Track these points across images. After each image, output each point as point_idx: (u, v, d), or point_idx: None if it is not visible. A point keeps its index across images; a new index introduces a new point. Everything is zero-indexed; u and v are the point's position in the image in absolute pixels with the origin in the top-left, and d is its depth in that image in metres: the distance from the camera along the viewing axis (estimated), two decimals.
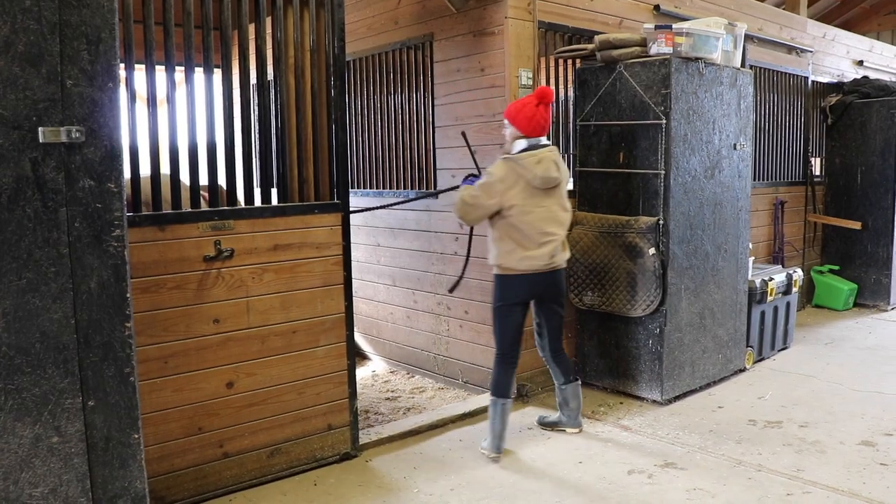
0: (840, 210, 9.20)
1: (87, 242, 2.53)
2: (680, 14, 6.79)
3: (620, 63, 5.45)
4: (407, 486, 4.26)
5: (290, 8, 4.31)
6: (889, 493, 4.06)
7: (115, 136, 2.57)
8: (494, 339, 4.77)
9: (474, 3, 5.52)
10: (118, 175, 2.58)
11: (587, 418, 5.23)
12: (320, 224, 4.37)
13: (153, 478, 3.79)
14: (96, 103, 2.51)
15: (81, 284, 2.53)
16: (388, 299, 6.72)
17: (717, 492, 4.12)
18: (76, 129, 2.45)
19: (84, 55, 2.46)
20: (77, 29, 2.44)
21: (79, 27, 2.44)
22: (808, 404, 5.49)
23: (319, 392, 4.44)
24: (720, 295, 5.87)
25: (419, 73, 6.13)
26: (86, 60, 2.47)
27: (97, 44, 2.49)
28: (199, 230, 3.92)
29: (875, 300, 8.96)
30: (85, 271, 2.54)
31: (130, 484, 2.70)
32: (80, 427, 2.56)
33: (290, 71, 4.31)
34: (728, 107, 5.75)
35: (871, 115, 8.88)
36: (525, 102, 4.58)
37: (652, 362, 5.48)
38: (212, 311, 4.00)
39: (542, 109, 4.56)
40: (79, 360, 2.54)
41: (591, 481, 4.28)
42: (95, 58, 2.49)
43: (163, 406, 3.87)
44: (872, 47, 10.53)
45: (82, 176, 2.50)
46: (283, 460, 4.33)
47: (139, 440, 2.71)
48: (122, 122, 2.61)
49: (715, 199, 5.71)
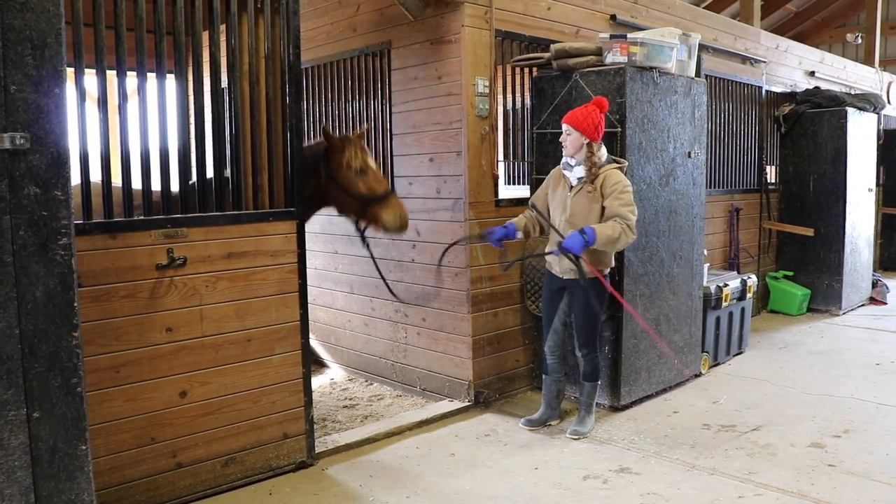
0: (794, 217, 9.37)
1: (32, 251, 2.49)
2: (636, 24, 6.87)
3: (576, 72, 5.49)
4: (363, 494, 4.24)
5: (244, 14, 4.27)
6: (836, 494, 4.13)
7: (62, 142, 2.52)
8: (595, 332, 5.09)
9: (432, 11, 5.54)
10: (65, 182, 2.54)
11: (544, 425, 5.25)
12: (275, 232, 4.34)
13: (104, 489, 3.75)
14: (42, 109, 2.46)
15: (26, 293, 2.48)
16: (346, 307, 6.70)
17: (671, 496, 4.16)
18: (20, 135, 2.40)
19: (28, 60, 2.42)
20: (21, 33, 2.40)
21: (22, 31, 2.40)
22: (761, 408, 5.57)
23: (275, 400, 4.40)
24: (675, 301, 5.94)
25: (377, 81, 6.13)
26: (30, 65, 2.42)
27: (42, 48, 2.45)
28: (151, 238, 3.88)
29: (828, 305, 9.13)
30: (30, 280, 2.49)
31: (77, 496, 2.65)
32: (25, 439, 2.51)
33: (244, 78, 4.28)
34: (682, 115, 5.83)
35: (822, 125, 9.07)
36: (590, 111, 4.81)
37: (608, 368, 5.52)
38: (165, 320, 3.95)
39: (603, 118, 4.89)
40: (23, 371, 2.49)
41: (547, 488, 4.30)
42: (41, 63, 2.45)
43: (114, 416, 3.81)
44: (823, 59, 10.76)
45: (27, 183, 2.45)
46: (239, 470, 4.29)
47: (87, 451, 2.67)
48: (69, 129, 2.57)
49: (670, 206, 5.78)
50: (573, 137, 4.83)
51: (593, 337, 5.07)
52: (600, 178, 4.82)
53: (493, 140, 5.64)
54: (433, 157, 5.66)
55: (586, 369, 5.12)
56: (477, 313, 5.60)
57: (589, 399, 5.16)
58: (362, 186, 4.72)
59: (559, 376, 5.26)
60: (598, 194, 4.81)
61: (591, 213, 4.83)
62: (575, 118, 4.82)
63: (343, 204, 4.83)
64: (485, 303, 5.66)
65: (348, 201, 4.78)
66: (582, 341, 5.07)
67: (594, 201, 4.82)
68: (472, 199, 5.47)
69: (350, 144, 4.77)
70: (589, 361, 5.10)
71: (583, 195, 4.86)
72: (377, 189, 4.74)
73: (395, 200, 4.77)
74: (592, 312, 4.98)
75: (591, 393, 5.15)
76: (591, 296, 4.92)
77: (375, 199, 4.71)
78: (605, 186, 4.80)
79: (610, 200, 4.77)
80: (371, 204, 4.72)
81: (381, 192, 4.74)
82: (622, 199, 4.75)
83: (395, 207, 4.73)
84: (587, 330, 5.03)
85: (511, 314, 5.89)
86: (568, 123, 4.85)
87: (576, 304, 5.00)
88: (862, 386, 6.12)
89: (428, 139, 5.68)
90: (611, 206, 4.76)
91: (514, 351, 5.93)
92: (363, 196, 4.72)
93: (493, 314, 5.74)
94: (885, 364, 6.80)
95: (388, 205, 4.72)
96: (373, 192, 4.72)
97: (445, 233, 5.62)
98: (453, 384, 5.73)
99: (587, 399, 5.16)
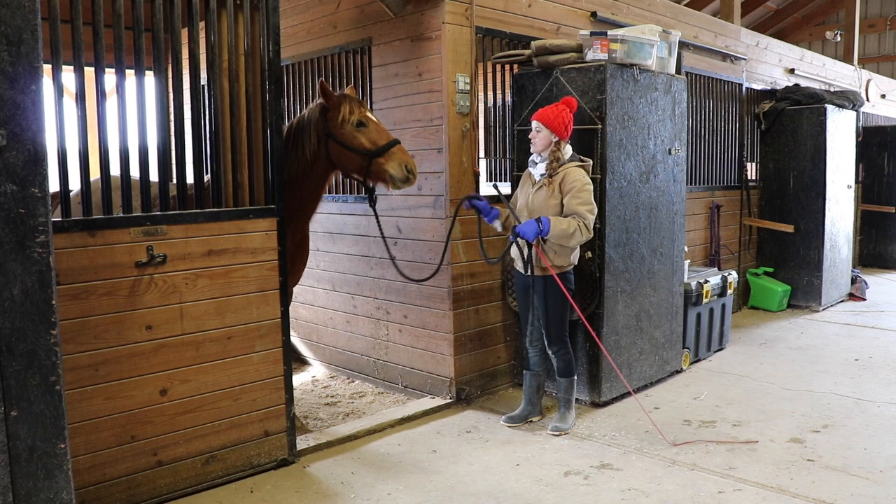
0: (774, 213, 9.44)
1: (9, 248, 2.47)
2: (617, 21, 6.90)
3: (557, 69, 5.51)
4: (344, 491, 4.24)
5: (224, 11, 4.25)
6: (815, 488, 4.17)
7: (39, 139, 2.51)
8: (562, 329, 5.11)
9: (412, 8, 5.53)
10: (42, 179, 2.52)
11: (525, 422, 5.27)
12: (255, 229, 4.33)
13: (83, 488, 3.73)
14: (18, 106, 2.45)
15: (3, 291, 2.47)
16: (328, 304, 6.69)
17: (652, 491, 4.18)
18: None
19: (4, 56, 2.40)
20: None
21: None
22: (741, 404, 5.61)
23: (256, 398, 4.39)
24: (656, 297, 5.97)
25: (358, 78, 6.12)
26: (6, 62, 2.41)
27: (18, 45, 2.43)
28: (130, 235, 3.86)
29: (807, 301, 9.21)
30: (7, 278, 2.47)
31: (56, 495, 2.64)
32: (2, 438, 2.49)
33: (224, 75, 4.26)
34: (663, 112, 5.86)
35: (802, 122, 9.14)
36: (560, 110, 4.87)
37: (589, 365, 5.55)
38: (144, 318, 3.93)
39: (572, 118, 4.98)
40: (1, 369, 2.47)
41: (528, 484, 4.31)
42: (16, 59, 2.43)
43: (94, 414, 3.80)
44: (803, 56, 10.83)
45: (3, 180, 2.43)
46: (219, 467, 4.28)
47: (66, 450, 2.65)
48: (46, 126, 2.55)
49: (650, 203, 5.81)
50: (543, 135, 4.89)
51: (560, 333, 5.09)
52: (560, 175, 4.88)
53: (473, 137, 5.65)
54: (414, 153, 5.64)
55: (560, 366, 5.15)
56: (458, 310, 5.61)
57: (567, 395, 5.18)
58: (364, 139, 4.63)
59: (540, 370, 5.28)
60: (557, 191, 4.87)
61: (547, 210, 4.88)
62: (546, 116, 4.87)
63: (347, 162, 4.72)
64: (466, 300, 5.67)
65: (352, 158, 4.68)
66: (550, 339, 5.10)
67: (551, 197, 4.88)
68: (453, 196, 5.47)
69: (346, 100, 4.68)
70: (561, 357, 5.13)
71: (542, 191, 4.92)
72: (379, 140, 4.64)
73: (399, 150, 4.66)
74: (555, 310, 5.02)
75: (568, 389, 5.17)
76: (549, 294, 4.98)
77: (378, 152, 4.61)
78: (565, 184, 4.86)
79: (569, 198, 4.82)
80: (374, 157, 4.62)
81: (384, 142, 4.64)
82: (580, 198, 4.80)
83: (400, 157, 4.63)
84: (553, 327, 5.06)
85: (492, 311, 5.90)
86: (539, 121, 4.90)
87: (538, 302, 5.04)
88: (841, 381, 6.18)
89: (409, 136, 5.67)
90: (568, 205, 4.82)
91: (495, 348, 5.94)
92: (366, 150, 4.62)
93: (475, 311, 5.74)
94: (863, 360, 6.87)
95: (392, 155, 4.62)
96: (375, 144, 4.63)
97: (426, 230, 5.62)
98: (435, 381, 5.74)
99: (565, 395, 5.18)
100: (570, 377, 5.16)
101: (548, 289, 4.97)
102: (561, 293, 4.96)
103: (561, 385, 5.18)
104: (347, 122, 4.62)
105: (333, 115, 4.66)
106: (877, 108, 13.18)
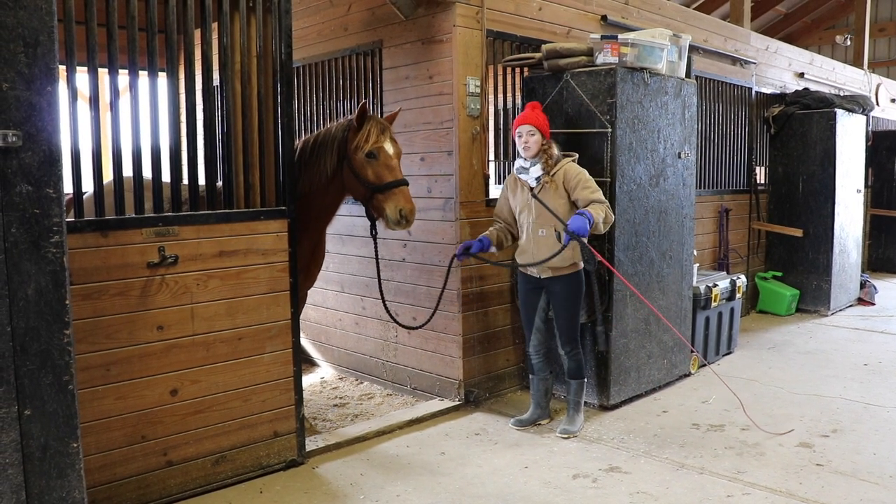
0: (783, 218, 9.42)
1: (24, 248, 2.48)
2: (627, 25, 6.90)
3: (567, 72, 5.51)
4: (353, 492, 4.25)
5: (236, 13, 4.28)
6: (824, 493, 4.16)
7: (54, 140, 2.52)
8: (575, 330, 5.12)
9: (423, 10, 5.54)
10: (57, 180, 2.53)
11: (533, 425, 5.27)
12: (266, 230, 4.35)
13: (94, 487, 3.74)
14: (34, 107, 2.46)
15: (18, 291, 2.48)
16: (337, 306, 6.70)
17: (660, 495, 4.18)
18: (13, 133, 2.40)
19: (21, 58, 2.42)
20: (13, 31, 2.40)
21: (15, 29, 2.40)
22: (749, 407, 5.59)
23: (265, 399, 4.41)
24: (665, 301, 5.97)
25: (368, 80, 6.14)
26: (23, 63, 2.43)
27: (35, 46, 2.45)
28: (142, 236, 3.87)
29: (816, 305, 9.18)
30: (22, 278, 2.49)
31: (69, 494, 2.65)
32: (16, 437, 2.51)
33: (236, 76, 4.28)
34: (673, 116, 5.86)
35: (811, 126, 9.12)
36: (538, 111, 4.98)
37: (598, 368, 5.55)
38: (156, 318, 3.95)
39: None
40: (15, 369, 2.49)
41: (537, 486, 4.32)
42: (33, 60, 2.45)
43: (105, 414, 3.81)
44: (813, 60, 10.81)
45: (19, 181, 2.45)
46: (229, 468, 4.29)
47: (78, 449, 2.67)
48: (61, 126, 2.57)
49: (660, 206, 5.81)
50: (537, 138, 4.91)
51: (573, 334, 5.11)
52: (560, 172, 4.90)
53: (483, 140, 5.65)
54: (424, 156, 5.67)
55: (571, 366, 5.15)
56: (467, 312, 5.62)
57: (576, 397, 5.18)
58: (370, 171, 4.54)
59: (545, 375, 5.28)
60: (561, 188, 4.88)
61: (561, 207, 4.87)
62: (535, 119, 4.90)
63: (352, 187, 4.66)
64: (475, 302, 5.68)
65: (356, 185, 4.61)
66: (564, 339, 5.11)
67: (560, 196, 4.88)
68: (462, 199, 5.48)
69: (370, 124, 4.55)
70: (572, 358, 5.13)
71: (548, 191, 4.91)
72: (385, 177, 4.53)
73: (400, 192, 4.53)
74: (573, 309, 5.04)
75: (577, 391, 5.17)
76: (570, 292, 5.00)
77: (380, 188, 4.52)
78: (568, 180, 4.88)
79: (579, 191, 4.83)
80: (375, 192, 4.54)
81: (388, 180, 4.52)
82: (591, 187, 4.84)
83: (399, 200, 4.50)
84: (569, 327, 5.07)
85: (501, 313, 5.90)
86: (531, 125, 4.90)
87: (555, 302, 5.04)
88: (850, 386, 6.16)
89: (419, 138, 5.69)
90: (583, 196, 4.82)
91: (504, 350, 5.95)
92: (369, 183, 4.55)
93: (484, 313, 5.75)
94: (872, 364, 6.85)
95: (392, 196, 4.50)
96: (379, 180, 4.53)
97: (436, 232, 5.63)
98: (443, 383, 5.74)
99: (575, 397, 5.18)
100: (581, 379, 5.16)
101: (562, 289, 4.98)
102: (575, 293, 5.00)
103: (571, 387, 5.18)
104: (361, 149, 4.53)
105: (352, 136, 4.57)
106: (886, 113, 13.14)
